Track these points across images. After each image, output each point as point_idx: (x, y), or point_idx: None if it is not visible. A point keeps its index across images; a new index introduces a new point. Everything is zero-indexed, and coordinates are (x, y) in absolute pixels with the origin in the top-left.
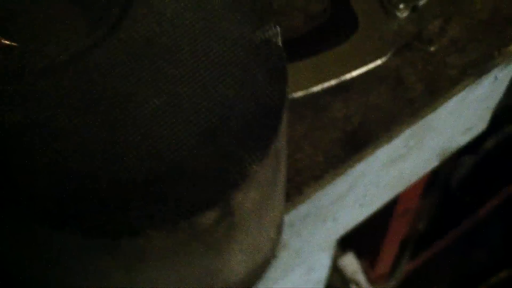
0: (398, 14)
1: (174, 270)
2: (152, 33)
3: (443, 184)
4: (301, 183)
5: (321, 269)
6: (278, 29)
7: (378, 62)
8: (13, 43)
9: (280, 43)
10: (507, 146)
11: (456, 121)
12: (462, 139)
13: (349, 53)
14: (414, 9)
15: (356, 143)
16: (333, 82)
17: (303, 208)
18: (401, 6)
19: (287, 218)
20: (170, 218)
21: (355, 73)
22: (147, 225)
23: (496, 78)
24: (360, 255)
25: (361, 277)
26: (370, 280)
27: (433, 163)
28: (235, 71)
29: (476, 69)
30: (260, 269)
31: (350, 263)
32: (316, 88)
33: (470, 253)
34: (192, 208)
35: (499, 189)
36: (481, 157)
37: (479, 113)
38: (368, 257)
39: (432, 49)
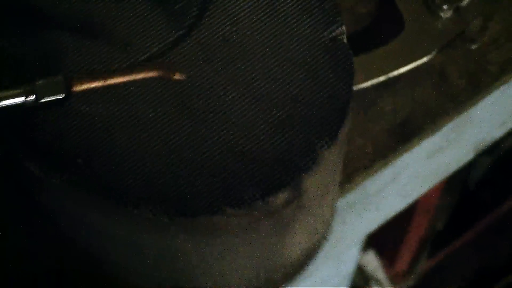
0: (442, 14)
1: (241, 247)
2: (228, 32)
3: (461, 184)
4: (352, 171)
5: (350, 263)
6: (344, 28)
7: (424, 59)
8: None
9: (346, 41)
10: None
11: (493, 115)
12: (498, 133)
13: (396, 51)
14: (456, 9)
15: (403, 135)
16: (381, 78)
17: (351, 196)
18: (445, 7)
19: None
20: (247, 198)
21: (402, 70)
22: (225, 204)
23: None
24: (380, 253)
25: (381, 275)
26: (389, 277)
27: (469, 156)
28: (306, 67)
29: None
30: (314, 251)
31: (371, 261)
32: (365, 84)
33: (487, 252)
34: (267, 189)
35: None
36: (497, 157)
37: None
38: (387, 255)
39: (473, 47)
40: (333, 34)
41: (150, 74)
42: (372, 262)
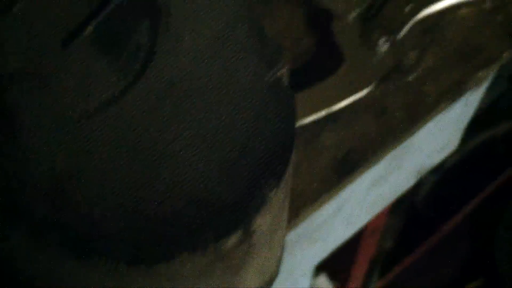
0: (378, 48)
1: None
2: (175, 77)
3: (408, 202)
4: (298, 206)
5: None
6: (286, 69)
7: (363, 92)
8: None
9: (287, 82)
10: (466, 164)
11: (432, 142)
12: (437, 158)
13: (336, 86)
14: (392, 43)
15: (346, 167)
16: (323, 112)
17: (298, 230)
18: (381, 40)
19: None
20: (201, 242)
21: (342, 103)
22: (181, 249)
23: (466, 101)
24: (331, 276)
25: None
26: None
27: (411, 181)
28: (250, 109)
29: (450, 95)
30: (266, 285)
31: (323, 284)
32: (308, 119)
33: (437, 269)
34: (220, 232)
35: (461, 205)
36: (442, 175)
37: (452, 133)
38: (339, 277)
39: (410, 78)
40: (275, 76)
41: None
42: (324, 285)
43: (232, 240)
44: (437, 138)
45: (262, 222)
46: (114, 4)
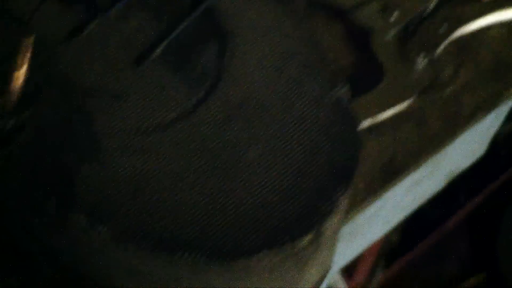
0: (417, 64)
1: (267, 284)
2: (243, 93)
3: None
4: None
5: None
6: (348, 87)
7: (404, 104)
8: None
9: (349, 100)
10: None
11: (464, 149)
12: (467, 163)
13: (379, 98)
14: (429, 60)
15: (388, 172)
16: (367, 122)
17: (344, 228)
18: (419, 58)
19: None
20: (279, 240)
21: (385, 114)
22: (261, 246)
23: (498, 112)
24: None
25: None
26: None
27: (442, 185)
28: (317, 123)
29: (484, 108)
30: (321, 280)
31: (332, 273)
32: None
33: (440, 263)
34: (297, 232)
35: (464, 202)
36: None
37: (482, 141)
38: (347, 269)
39: (447, 92)
40: (338, 94)
41: None
42: (333, 274)
43: (306, 240)
44: (469, 145)
45: (330, 224)
46: (183, 26)
